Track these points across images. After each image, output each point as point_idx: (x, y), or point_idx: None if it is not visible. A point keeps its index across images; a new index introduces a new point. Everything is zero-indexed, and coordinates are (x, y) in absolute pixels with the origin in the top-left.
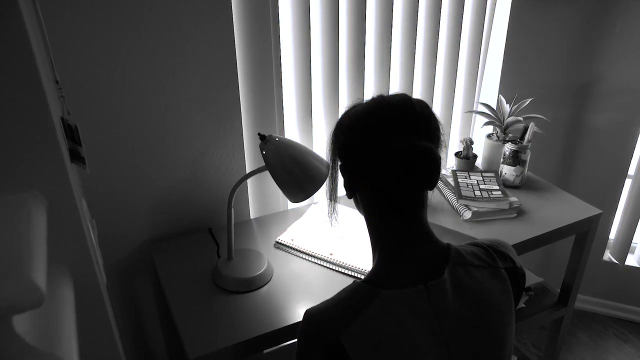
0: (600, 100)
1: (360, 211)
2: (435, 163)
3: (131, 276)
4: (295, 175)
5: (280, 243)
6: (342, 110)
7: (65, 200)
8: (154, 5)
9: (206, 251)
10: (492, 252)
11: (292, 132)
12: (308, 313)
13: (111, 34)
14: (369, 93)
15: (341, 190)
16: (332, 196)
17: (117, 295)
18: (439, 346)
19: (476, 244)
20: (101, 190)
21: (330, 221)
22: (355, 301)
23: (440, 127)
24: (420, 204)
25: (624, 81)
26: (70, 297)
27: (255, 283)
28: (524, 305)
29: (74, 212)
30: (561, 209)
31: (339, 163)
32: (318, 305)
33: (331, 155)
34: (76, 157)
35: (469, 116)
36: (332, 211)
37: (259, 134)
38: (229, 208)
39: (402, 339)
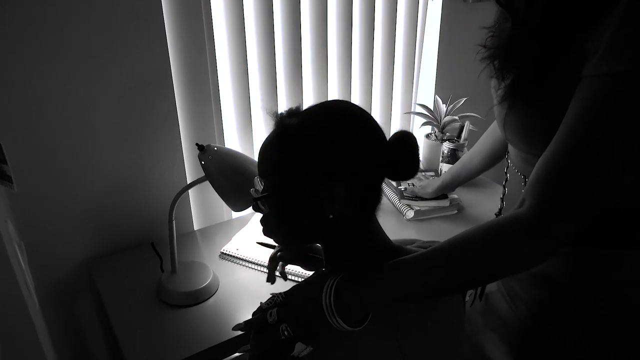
0: None
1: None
2: (417, 150)
3: (71, 298)
4: (236, 184)
5: (225, 253)
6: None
7: None
8: (79, 11)
9: (149, 266)
10: None
11: (232, 140)
12: None
13: (33, 42)
14: (308, 98)
15: None
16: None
17: (57, 320)
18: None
19: (422, 247)
20: (32, 210)
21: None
22: None
23: None
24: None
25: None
26: None
27: (201, 295)
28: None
29: None
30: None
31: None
32: None
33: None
34: (1, 176)
35: (407, 117)
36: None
37: (196, 144)
38: (170, 220)
39: (356, 353)
